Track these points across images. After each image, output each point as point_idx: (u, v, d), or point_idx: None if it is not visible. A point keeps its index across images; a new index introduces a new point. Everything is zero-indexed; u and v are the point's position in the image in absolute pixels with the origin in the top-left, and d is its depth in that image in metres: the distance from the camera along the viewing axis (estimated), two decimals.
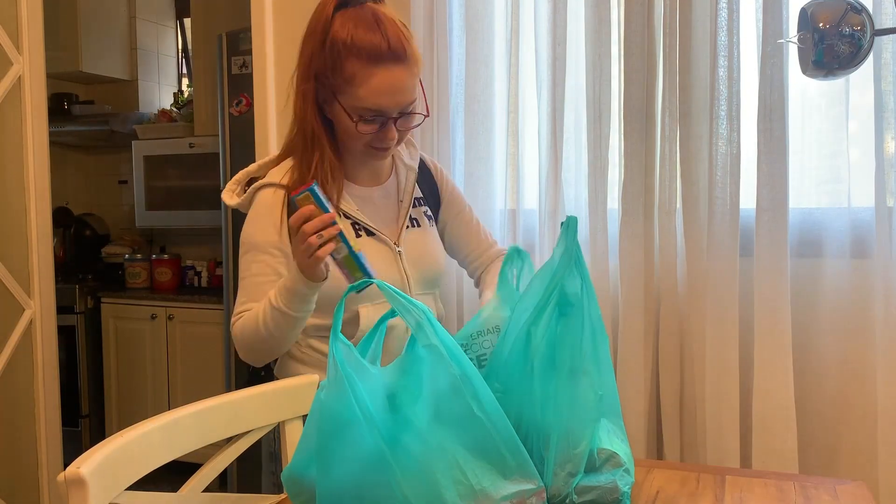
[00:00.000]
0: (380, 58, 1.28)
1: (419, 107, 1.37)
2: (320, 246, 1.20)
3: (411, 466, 0.87)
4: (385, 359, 1.02)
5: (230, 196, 1.47)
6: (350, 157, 1.44)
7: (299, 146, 1.41)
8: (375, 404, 0.90)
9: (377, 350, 1.02)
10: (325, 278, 1.27)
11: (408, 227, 1.48)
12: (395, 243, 1.44)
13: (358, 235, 1.41)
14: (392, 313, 1.02)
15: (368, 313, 1.38)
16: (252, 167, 1.49)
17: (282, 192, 1.38)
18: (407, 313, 0.93)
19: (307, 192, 1.20)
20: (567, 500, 0.99)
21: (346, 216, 1.41)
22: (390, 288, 0.94)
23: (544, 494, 0.95)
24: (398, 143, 1.41)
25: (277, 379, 1.47)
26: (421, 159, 1.57)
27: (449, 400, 0.92)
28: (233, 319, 1.39)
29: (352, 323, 1.38)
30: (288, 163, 1.42)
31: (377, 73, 1.28)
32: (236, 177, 1.49)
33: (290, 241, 1.29)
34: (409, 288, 1.44)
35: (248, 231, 1.39)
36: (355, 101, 1.31)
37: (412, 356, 0.93)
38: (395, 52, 1.29)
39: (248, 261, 1.38)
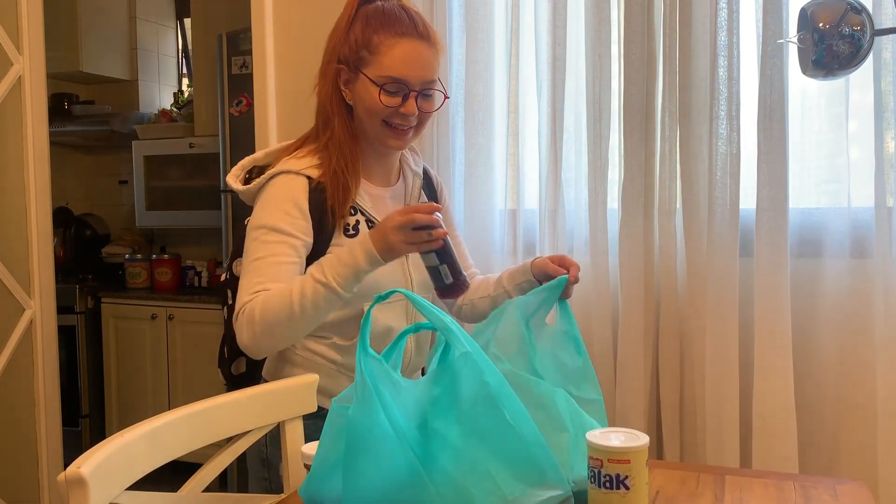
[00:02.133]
0: (405, 32, 1.36)
1: (439, 95, 1.42)
2: (423, 242, 1.24)
3: (447, 483, 0.87)
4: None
5: (235, 181, 1.46)
6: (366, 148, 1.45)
7: (317, 128, 1.44)
8: (408, 420, 0.89)
9: (397, 362, 1.02)
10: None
11: None
12: None
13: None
14: (415, 327, 1.03)
15: (376, 313, 1.37)
16: (258, 154, 1.50)
17: (302, 180, 1.38)
18: (441, 323, 0.93)
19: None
20: None
21: (361, 212, 1.42)
22: (421, 300, 0.95)
23: (572, 501, 0.95)
24: (417, 130, 1.43)
25: (267, 381, 1.47)
26: (424, 168, 1.59)
27: (482, 409, 0.91)
28: (246, 298, 1.32)
29: (357, 321, 1.39)
30: (302, 153, 1.43)
31: (402, 43, 1.36)
32: (241, 163, 1.49)
33: (396, 220, 1.26)
34: (412, 290, 1.45)
35: (267, 214, 1.36)
36: (380, 70, 1.36)
37: (446, 366, 0.93)
38: (419, 31, 1.37)
39: (265, 241, 1.34)
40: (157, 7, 4.17)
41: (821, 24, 1.37)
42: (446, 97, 1.45)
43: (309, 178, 1.39)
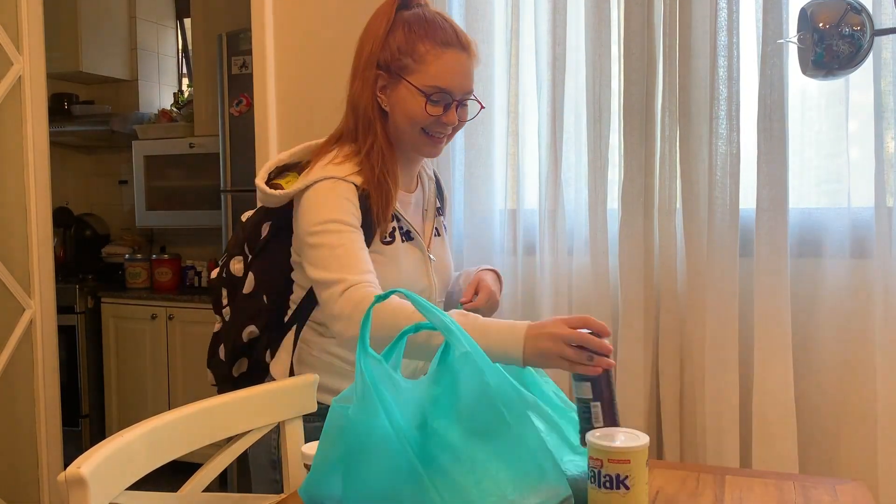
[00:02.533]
0: (449, 43, 1.37)
1: (474, 104, 1.44)
2: (580, 364, 1.07)
3: (447, 483, 0.87)
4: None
5: (262, 183, 1.43)
6: (399, 154, 1.44)
7: (354, 133, 1.41)
8: (407, 420, 0.89)
9: (397, 362, 1.02)
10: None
11: (433, 235, 1.50)
12: (427, 250, 1.45)
13: (403, 240, 1.41)
14: (415, 327, 1.02)
15: None
16: (283, 155, 1.48)
17: (350, 185, 1.34)
18: (441, 323, 0.93)
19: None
20: None
21: (396, 217, 1.41)
22: (419, 299, 0.95)
23: (572, 500, 0.95)
24: (449, 137, 1.43)
25: (275, 380, 1.47)
26: (433, 172, 1.59)
27: (482, 409, 0.91)
28: (355, 278, 1.24)
29: None
30: (339, 158, 1.39)
31: (448, 54, 1.36)
32: (267, 164, 1.47)
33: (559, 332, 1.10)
34: (434, 296, 1.45)
35: (330, 210, 1.32)
36: (426, 80, 1.36)
37: (446, 366, 0.93)
38: (461, 42, 1.38)
39: (340, 232, 1.30)
40: (157, 7, 4.17)
41: (821, 24, 1.37)
42: (482, 107, 1.46)
43: (354, 184, 1.36)
